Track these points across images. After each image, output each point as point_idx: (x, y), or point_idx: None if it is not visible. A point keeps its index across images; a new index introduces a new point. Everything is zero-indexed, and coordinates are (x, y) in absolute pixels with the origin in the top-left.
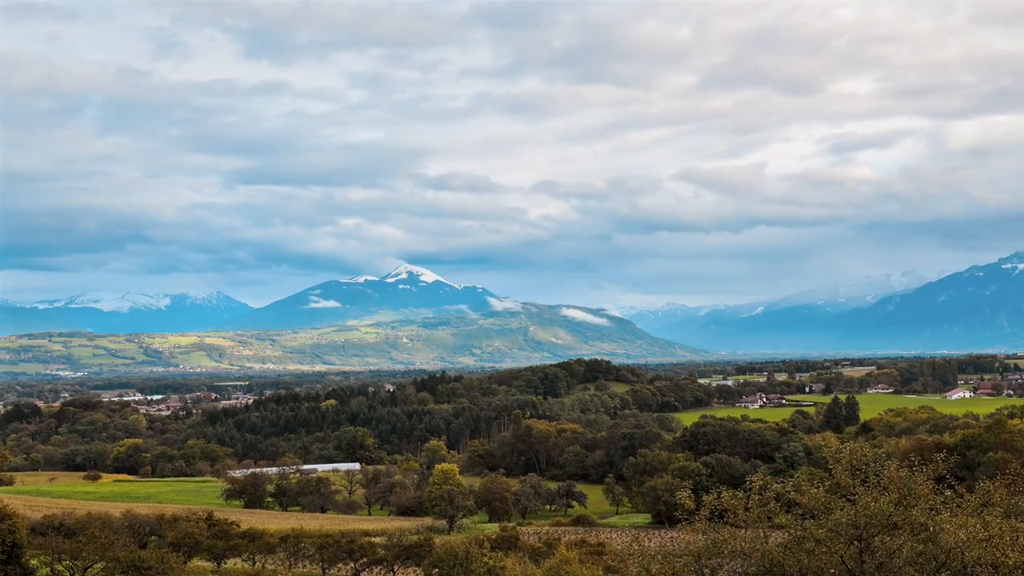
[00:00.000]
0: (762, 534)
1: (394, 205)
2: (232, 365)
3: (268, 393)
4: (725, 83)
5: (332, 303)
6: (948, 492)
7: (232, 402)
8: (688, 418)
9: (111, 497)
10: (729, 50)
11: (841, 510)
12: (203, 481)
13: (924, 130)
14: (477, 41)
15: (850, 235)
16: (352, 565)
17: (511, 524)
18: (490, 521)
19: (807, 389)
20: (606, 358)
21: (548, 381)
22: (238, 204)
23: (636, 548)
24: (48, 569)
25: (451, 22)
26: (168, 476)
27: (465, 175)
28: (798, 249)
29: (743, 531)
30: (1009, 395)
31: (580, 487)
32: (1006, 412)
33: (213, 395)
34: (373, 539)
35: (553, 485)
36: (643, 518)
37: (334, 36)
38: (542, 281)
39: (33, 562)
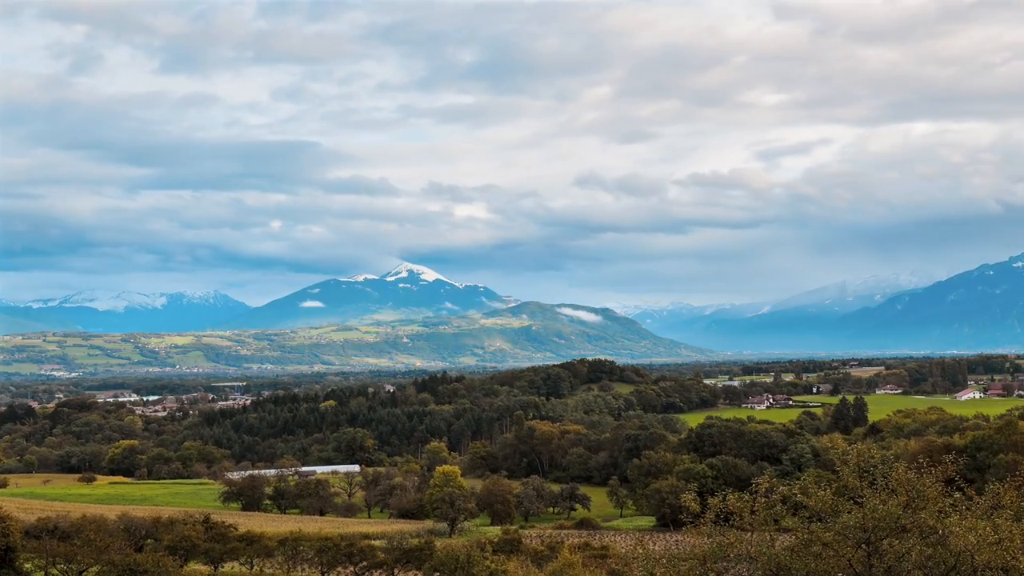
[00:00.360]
0: (768, 537)
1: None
2: (229, 365)
3: (266, 394)
4: (641, 94)
5: (331, 302)
6: (958, 494)
7: (229, 403)
8: (693, 419)
9: (106, 499)
10: (631, 64)
11: (849, 513)
12: (200, 483)
13: (843, 138)
14: (385, 57)
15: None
16: (352, 569)
17: (513, 527)
18: (492, 524)
19: (814, 390)
20: (610, 358)
21: (551, 382)
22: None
23: (641, 551)
24: (42, 573)
25: (353, 39)
26: (164, 478)
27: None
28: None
29: (749, 534)
30: (1020, 396)
31: (583, 489)
32: (1017, 413)
33: (210, 396)
34: (373, 542)
35: (556, 487)
36: (648, 521)
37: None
38: (545, 280)
39: (27, 566)
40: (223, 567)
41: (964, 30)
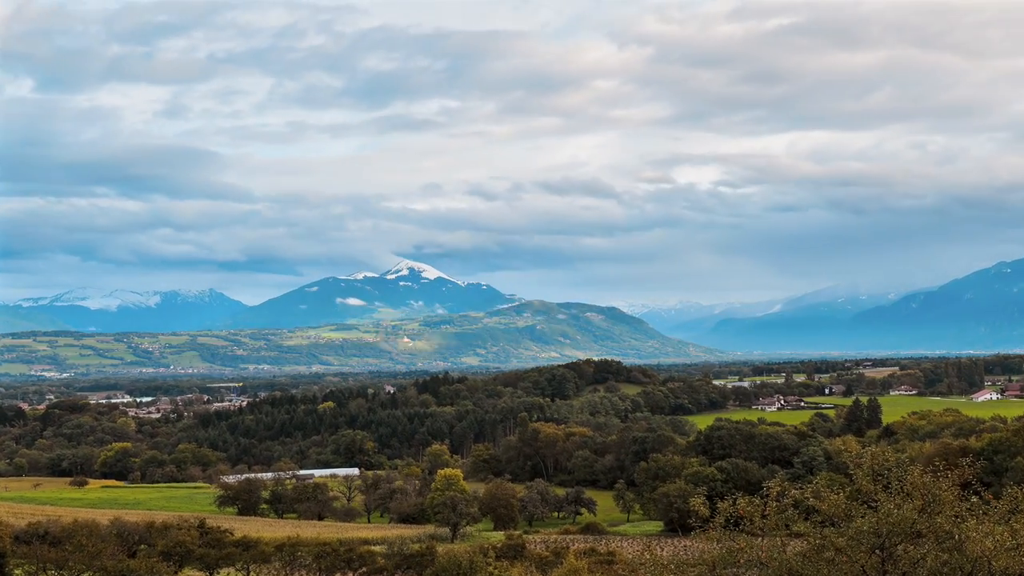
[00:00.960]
0: (780, 543)
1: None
2: (225, 366)
3: (263, 395)
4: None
5: (330, 301)
6: (974, 499)
7: (225, 404)
8: (702, 421)
9: (98, 504)
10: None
11: (862, 517)
12: (195, 487)
13: None
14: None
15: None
16: (351, 575)
17: (517, 532)
18: (495, 529)
19: (827, 391)
20: (616, 358)
21: (556, 382)
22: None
23: (648, 557)
24: None
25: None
26: (158, 482)
27: None
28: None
29: (760, 540)
30: None
31: (589, 493)
32: None
33: (205, 397)
34: (373, 548)
35: (561, 491)
36: (655, 526)
37: None
38: (550, 278)
39: (17, 572)
40: (219, 573)
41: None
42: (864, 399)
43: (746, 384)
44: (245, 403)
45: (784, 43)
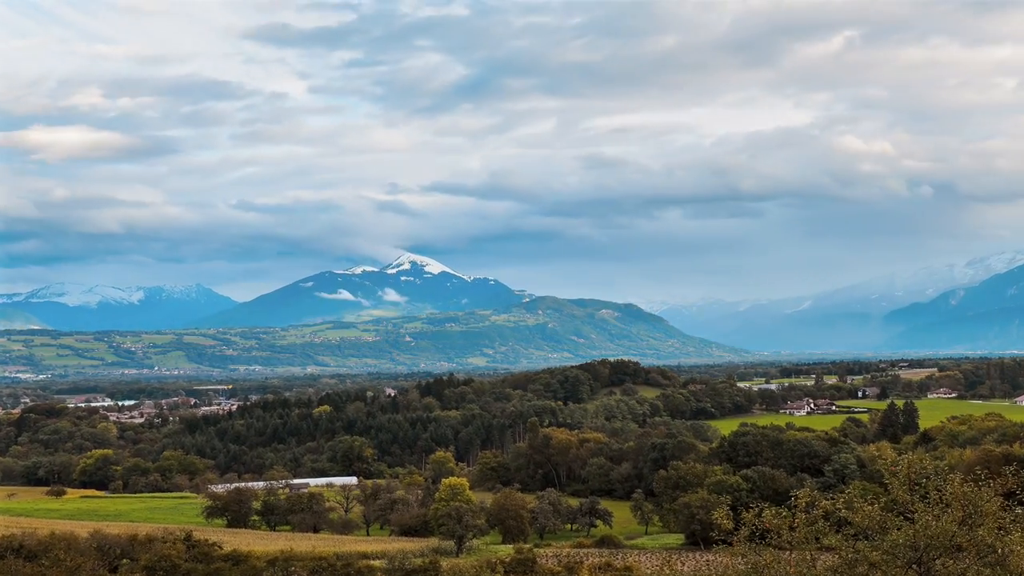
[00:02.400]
0: (809, 557)
1: None
2: (213, 367)
3: (254, 398)
4: None
5: (326, 296)
6: (1019, 510)
7: (214, 408)
8: (726, 426)
9: (77, 515)
10: None
11: (898, 530)
12: (181, 497)
13: None
14: None
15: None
16: None
17: (527, 546)
18: (503, 542)
19: (860, 394)
20: (634, 359)
21: (569, 385)
22: None
23: (668, 573)
24: None
25: None
26: (141, 491)
27: None
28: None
29: (788, 554)
30: None
31: (605, 504)
32: None
33: (192, 400)
34: (372, 562)
35: (574, 502)
36: (676, 539)
37: None
38: (561, 273)
39: None
40: None
41: None
42: (900, 403)
43: (773, 386)
44: (235, 407)
45: None
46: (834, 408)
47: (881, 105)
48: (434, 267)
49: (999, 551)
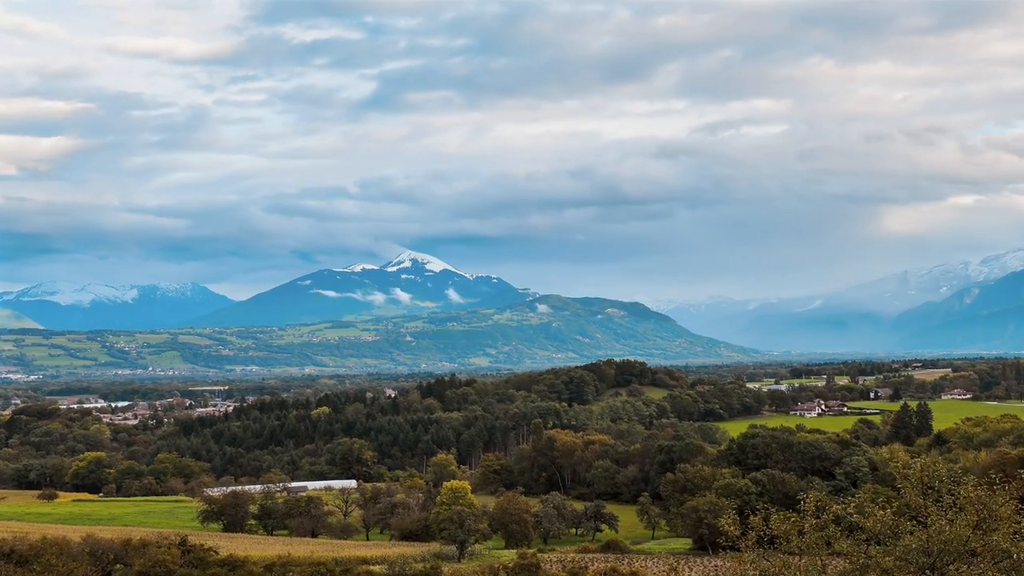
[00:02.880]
0: (820, 563)
1: None
2: (209, 367)
3: (251, 399)
4: None
5: (325, 295)
6: None
7: (209, 410)
8: (735, 428)
9: (69, 519)
10: None
11: (911, 535)
12: (176, 501)
13: None
14: None
15: None
16: None
17: (531, 551)
18: (506, 547)
19: (872, 395)
20: (640, 359)
21: (574, 385)
22: None
23: None
24: None
25: None
26: (135, 495)
27: None
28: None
29: (798, 559)
30: None
31: (610, 508)
32: None
33: (187, 402)
34: (372, 568)
35: (579, 505)
36: (683, 543)
37: None
38: (566, 271)
39: None
40: None
41: None
42: (913, 404)
43: (783, 387)
44: (231, 408)
45: None
46: (846, 410)
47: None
48: (436, 265)
49: (1014, 556)
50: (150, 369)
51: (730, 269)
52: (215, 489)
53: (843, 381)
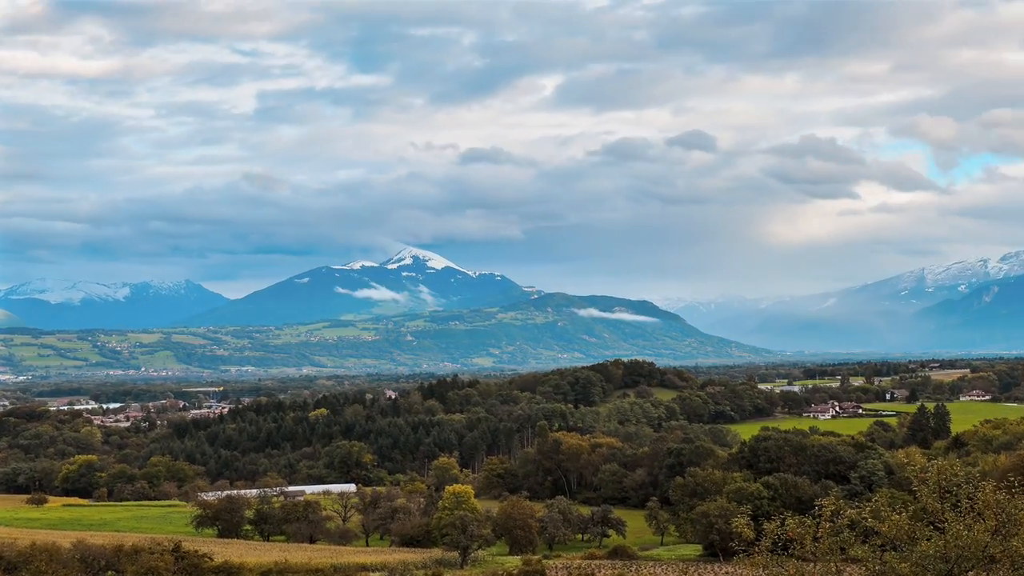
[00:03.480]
0: (835, 569)
1: None
2: (204, 368)
3: (247, 401)
4: None
5: (323, 294)
6: None
7: (204, 411)
8: (746, 430)
9: (59, 524)
10: None
11: (928, 540)
12: (169, 505)
13: None
14: None
15: None
16: None
17: (536, 557)
18: (511, 553)
19: (888, 396)
20: (649, 359)
21: (580, 386)
22: None
23: None
24: None
25: None
26: (127, 499)
27: None
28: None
29: (812, 566)
30: None
31: (618, 513)
32: None
33: (181, 403)
34: (371, 574)
35: (586, 510)
36: (693, 550)
37: None
38: (572, 269)
39: None
40: None
41: None
42: (930, 405)
43: (796, 388)
44: (226, 410)
45: None
46: (861, 411)
47: None
48: (437, 262)
49: None
50: (143, 369)
51: (742, 266)
52: (210, 493)
53: (858, 382)
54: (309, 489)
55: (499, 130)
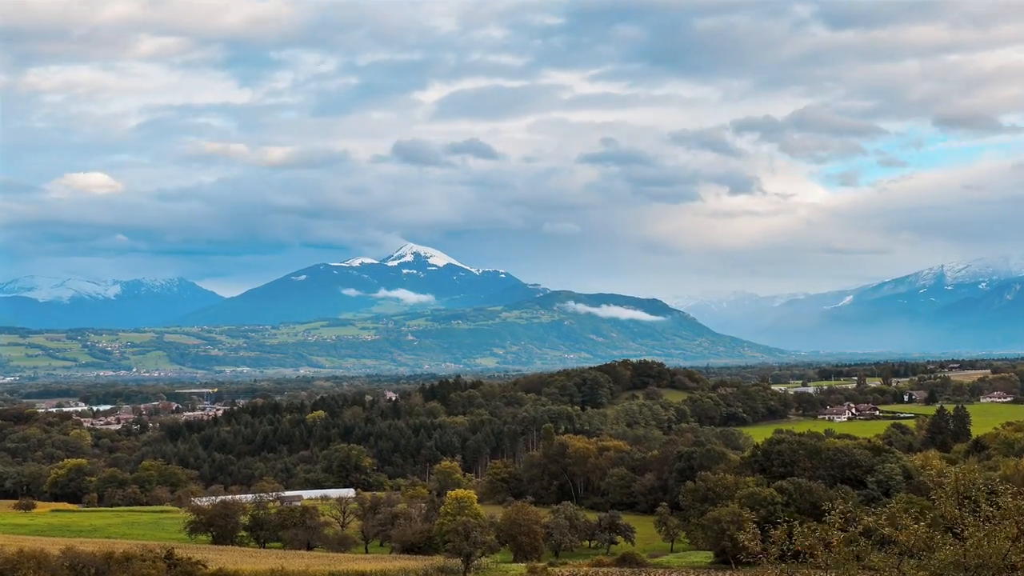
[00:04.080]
0: None
1: None
2: (197, 368)
3: (242, 403)
4: None
5: (321, 291)
6: None
7: (197, 413)
8: (759, 433)
9: (48, 531)
10: None
11: (946, 548)
12: (161, 511)
13: None
14: None
15: None
16: None
17: (541, 564)
18: (515, 560)
19: (906, 398)
20: (658, 359)
21: (587, 388)
22: None
23: None
24: None
25: None
26: (118, 505)
27: None
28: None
29: (826, 574)
30: None
31: (626, 518)
32: None
33: (174, 405)
34: None
35: (593, 516)
36: (704, 556)
37: None
38: (578, 265)
39: None
40: None
41: None
42: (950, 407)
43: (811, 390)
44: (221, 412)
45: None
46: (878, 413)
47: None
48: (439, 259)
49: None
50: (134, 370)
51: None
52: (203, 498)
53: (875, 383)
54: (306, 494)
55: None
